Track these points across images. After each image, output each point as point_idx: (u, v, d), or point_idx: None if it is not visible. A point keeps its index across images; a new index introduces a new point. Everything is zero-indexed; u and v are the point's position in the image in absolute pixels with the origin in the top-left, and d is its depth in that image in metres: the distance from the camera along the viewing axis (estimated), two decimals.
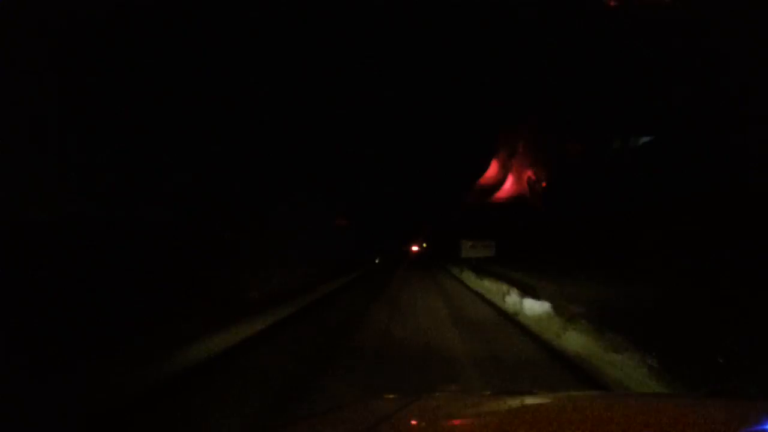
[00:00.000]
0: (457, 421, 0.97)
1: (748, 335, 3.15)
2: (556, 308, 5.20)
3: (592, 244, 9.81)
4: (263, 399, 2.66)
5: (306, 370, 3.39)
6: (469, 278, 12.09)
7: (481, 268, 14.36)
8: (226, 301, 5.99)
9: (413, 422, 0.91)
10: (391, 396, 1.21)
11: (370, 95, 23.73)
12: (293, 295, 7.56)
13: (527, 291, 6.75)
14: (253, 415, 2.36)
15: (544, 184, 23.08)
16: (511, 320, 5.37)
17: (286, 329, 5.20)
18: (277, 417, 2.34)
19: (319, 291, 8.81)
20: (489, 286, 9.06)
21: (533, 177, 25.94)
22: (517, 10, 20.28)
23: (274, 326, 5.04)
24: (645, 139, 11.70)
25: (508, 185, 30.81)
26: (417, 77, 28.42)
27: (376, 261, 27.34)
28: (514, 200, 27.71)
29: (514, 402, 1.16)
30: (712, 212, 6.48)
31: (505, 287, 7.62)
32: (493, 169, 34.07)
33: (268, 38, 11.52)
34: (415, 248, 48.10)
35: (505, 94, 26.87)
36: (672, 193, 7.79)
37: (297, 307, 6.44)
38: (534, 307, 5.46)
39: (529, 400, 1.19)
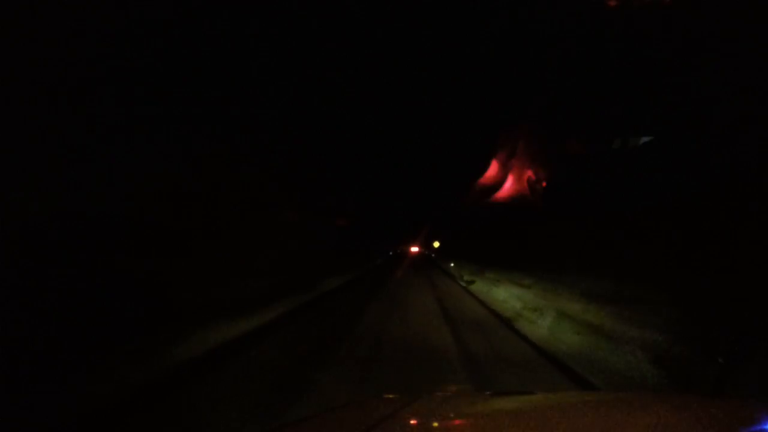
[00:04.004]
0: (457, 421, 0.97)
1: (749, 335, 3.15)
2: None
3: (591, 245, 9.80)
4: None
5: None
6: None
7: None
8: None
9: (413, 422, 0.91)
10: (391, 396, 1.21)
11: (369, 95, 23.73)
12: None
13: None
14: None
15: (544, 184, 23.07)
16: None
17: None
18: None
19: None
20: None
21: (533, 177, 25.94)
22: (517, 10, 20.29)
23: None
24: (645, 139, 11.70)
25: (508, 185, 30.81)
26: (417, 77, 28.42)
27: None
28: (514, 200, 27.69)
29: (514, 402, 1.16)
30: (712, 212, 6.48)
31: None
32: (493, 169, 34.07)
33: (268, 38, 11.52)
34: (414, 249, 47.70)
35: (505, 94, 26.89)
36: (672, 193, 7.79)
37: None
38: None
39: (529, 401, 1.19)
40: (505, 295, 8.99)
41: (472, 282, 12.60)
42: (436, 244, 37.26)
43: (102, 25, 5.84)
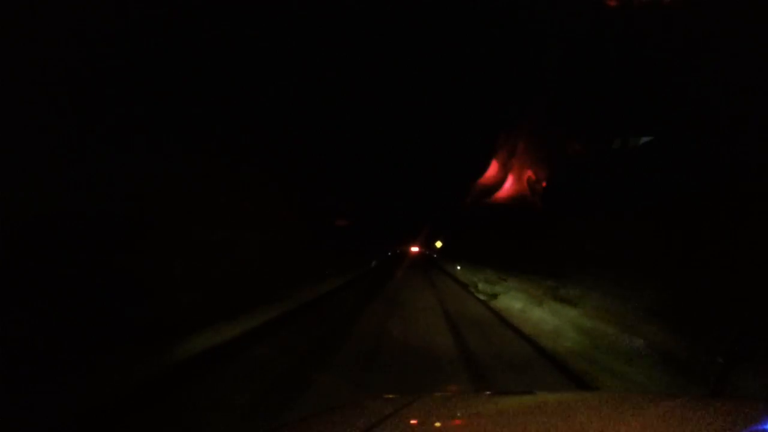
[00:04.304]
0: (456, 421, 0.97)
1: (749, 335, 3.14)
2: None
3: (588, 245, 9.79)
4: None
5: None
6: None
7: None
8: None
9: (413, 422, 0.91)
10: (391, 396, 1.21)
11: (370, 95, 23.74)
12: None
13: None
14: None
15: (544, 184, 23.07)
16: None
17: None
18: None
19: None
20: None
21: (533, 177, 25.93)
22: (517, 10, 20.30)
23: None
24: (645, 139, 11.70)
25: (508, 185, 30.78)
26: (417, 77, 28.42)
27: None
28: (515, 200, 27.67)
29: (514, 402, 1.16)
30: (712, 212, 6.48)
31: None
32: (493, 169, 34.05)
33: (268, 38, 11.52)
34: (415, 249, 47.60)
35: (505, 94, 26.90)
36: (672, 194, 7.79)
37: None
38: None
39: (529, 401, 1.18)
40: (557, 321, 6.24)
41: (494, 296, 9.48)
42: (439, 244, 33.48)
43: (101, 25, 5.84)
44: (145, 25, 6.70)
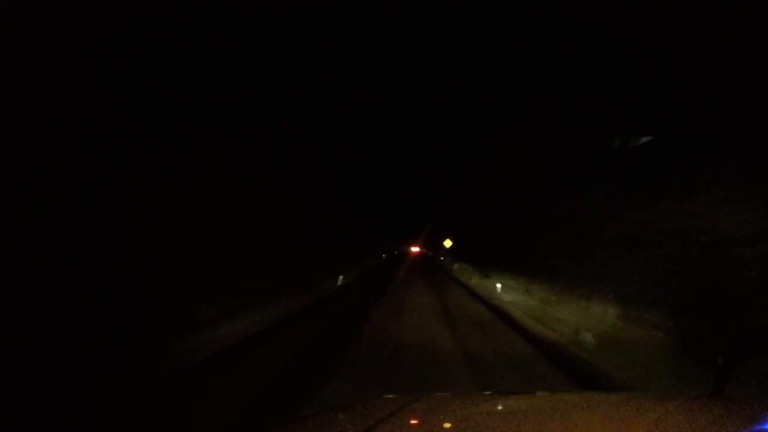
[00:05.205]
0: (457, 421, 0.97)
1: (749, 335, 3.14)
2: None
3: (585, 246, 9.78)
4: None
5: None
6: None
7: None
8: None
9: (413, 422, 0.91)
10: (391, 396, 1.21)
11: (370, 95, 23.75)
12: None
13: None
14: None
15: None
16: None
17: None
18: None
19: None
20: None
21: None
22: (516, 10, 20.29)
23: None
24: (645, 139, 11.69)
25: None
26: (416, 77, 28.43)
27: None
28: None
29: (515, 402, 1.16)
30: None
31: None
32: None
33: (268, 38, 11.52)
34: (415, 249, 47.44)
35: (505, 93, 26.90)
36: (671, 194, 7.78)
37: None
38: None
39: (530, 401, 1.19)
40: None
41: None
42: (448, 244, 25.96)
43: (99, 23, 5.83)
44: (145, 24, 6.70)
